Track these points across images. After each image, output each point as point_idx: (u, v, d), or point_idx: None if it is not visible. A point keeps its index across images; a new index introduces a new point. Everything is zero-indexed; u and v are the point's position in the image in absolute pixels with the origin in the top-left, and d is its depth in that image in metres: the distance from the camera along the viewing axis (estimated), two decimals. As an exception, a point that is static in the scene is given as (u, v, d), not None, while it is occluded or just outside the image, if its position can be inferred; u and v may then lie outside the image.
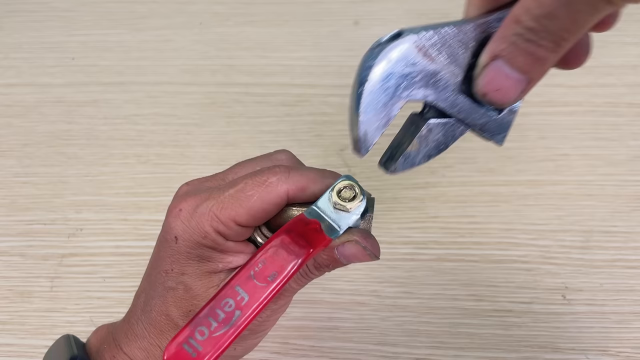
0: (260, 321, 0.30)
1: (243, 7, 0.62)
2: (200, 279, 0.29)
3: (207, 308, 0.25)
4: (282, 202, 0.28)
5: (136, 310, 0.31)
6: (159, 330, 0.30)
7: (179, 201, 0.29)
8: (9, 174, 0.52)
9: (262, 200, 0.27)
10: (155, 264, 0.31)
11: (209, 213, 0.28)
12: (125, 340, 0.31)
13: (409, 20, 0.60)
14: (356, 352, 0.42)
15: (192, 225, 0.28)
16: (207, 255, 0.29)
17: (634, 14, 0.60)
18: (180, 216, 0.29)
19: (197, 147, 0.53)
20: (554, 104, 0.54)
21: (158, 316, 0.30)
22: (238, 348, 0.31)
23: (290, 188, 0.28)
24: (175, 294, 0.29)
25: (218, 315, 0.24)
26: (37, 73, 0.58)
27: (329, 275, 0.46)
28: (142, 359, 0.30)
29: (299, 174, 0.28)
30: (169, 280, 0.29)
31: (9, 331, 0.44)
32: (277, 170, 0.28)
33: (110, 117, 0.55)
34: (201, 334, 0.24)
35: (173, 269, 0.29)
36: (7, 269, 0.47)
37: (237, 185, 0.28)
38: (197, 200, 0.29)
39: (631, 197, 0.49)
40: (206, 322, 0.24)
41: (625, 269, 0.45)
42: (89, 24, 0.62)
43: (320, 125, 0.54)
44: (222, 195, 0.28)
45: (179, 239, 0.29)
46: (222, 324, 0.24)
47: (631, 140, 0.52)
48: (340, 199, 0.27)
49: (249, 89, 0.56)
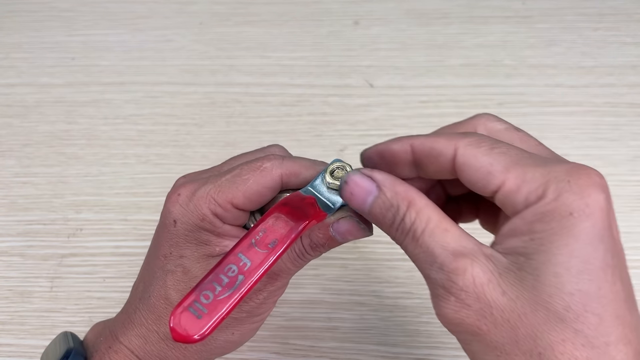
0: (257, 303, 0.31)
1: (243, 7, 0.62)
2: (198, 261, 0.29)
3: (211, 274, 0.25)
4: (277, 186, 0.29)
5: (134, 300, 0.31)
6: (157, 316, 0.30)
7: (177, 188, 0.30)
8: (9, 174, 0.52)
9: (258, 183, 0.29)
10: (153, 250, 0.31)
11: (207, 196, 0.29)
12: (122, 329, 0.31)
13: (409, 20, 0.60)
14: (356, 352, 0.42)
15: (191, 209, 0.29)
16: (205, 238, 0.29)
17: (633, 14, 0.60)
18: (178, 200, 0.30)
19: (197, 147, 0.53)
20: (554, 104, 0.54)
21: (157, 300, 0.30)
22: (236, 333, 0.31)
23: (284, 172, 0.29)
24: (174, 276, 0.30)
25: (222, 280, 0.25)
26: (37, 73, 0.58)
27: (329, 275, 0.46)
28: (140, 346, 0.30)
29: (292, 160, 0.30)
30: (168, 263, 0.30)
31: (9, 331, 0.44)
32: (271, 157, 0.29)
33: (110, 117, 0.55)
34: (206, 297, 0.25)
35: (172, 252, 0.30)
36: (7, 269, 0.47)
37: (234, 170, 0.29)
38: (195, 186, 0.30)
39: (631, 197, 0.49)
40: (210, 286, 0.25)
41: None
42: (89, 24, 0.62)
43: (320, 125, 0.54)
44: (219, 180, 0.29)
45: (178, 222, 0.29)
46: (226, 287, 0.25)
47: (631, 140, 0.52)
48: (333, 179, 0.29)
49: (249, 89, 0.56)
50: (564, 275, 0.22)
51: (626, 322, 0.23)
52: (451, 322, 0.24)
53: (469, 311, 0.23)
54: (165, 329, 0.30)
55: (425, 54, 0.58)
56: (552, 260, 0.23)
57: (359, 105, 0.55)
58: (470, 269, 0.23)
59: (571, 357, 0.22)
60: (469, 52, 0.58)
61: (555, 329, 0.22)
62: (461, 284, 0.23)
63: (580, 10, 0.60)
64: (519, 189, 0.24)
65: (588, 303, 0.22)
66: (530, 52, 0.58)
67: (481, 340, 0.23)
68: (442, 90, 0.55)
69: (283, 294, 0.33)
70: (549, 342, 0.22)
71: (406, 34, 0.60)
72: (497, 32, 0.59)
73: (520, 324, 0.23)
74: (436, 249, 0.24)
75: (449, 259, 0.24)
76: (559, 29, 0.59)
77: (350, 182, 0.26)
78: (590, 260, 0.23)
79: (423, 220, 0.24)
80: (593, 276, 0.23)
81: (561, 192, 0.23)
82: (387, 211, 0.25)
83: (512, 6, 0.61)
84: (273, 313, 0.44)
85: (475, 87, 0.55)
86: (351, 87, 0.56)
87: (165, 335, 0.30)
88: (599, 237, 0.23)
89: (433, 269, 0.24)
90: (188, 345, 0.30)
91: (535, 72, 0.56)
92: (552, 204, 0.23)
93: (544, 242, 0.23)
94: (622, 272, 0.24)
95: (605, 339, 0.22)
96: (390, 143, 0.28)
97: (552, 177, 0.24)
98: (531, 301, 0.22)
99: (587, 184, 0.24)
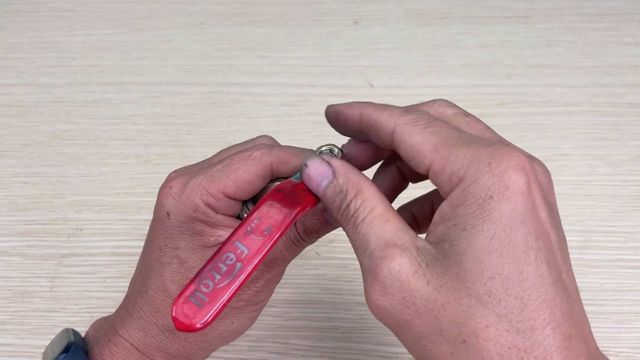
0: (255, 291, 0.31)
1: (243, 7, 0.62)
2: (193, 252, 0.30)
3: (210, 264, 0.26)
4: (267, 174, 0.30)
5: (132, 294, 0.32)
6: (156, 308, 0.30)
7: (169, 181, 0.31)
8: (9, 174, 0.52)
9: (249, 172, 0.29)
10: (149, 244, 0.32)
11: (199, 187, 0.29)
12: (122, 323, 0.31)
13: (409, 20, 0.60)
14: (356, 352, 0.42)
15: (183, 200, 0.29)
16: (199, 229, 0.30)
17: (633, 14, 0.60)
18: (170, 193, 0.30)
19: (197, 147, 0.53)
20: (554, 104, 0.54)
21: (155, 293, 0.30)
22: (235, 322, 0.31)
23: (274, 160, 0.29)
24: (171, 268, 0.30)
25: (220, 269, 0.25)
26: (37, 73, 0.58)
27: (329, 275, 0.46)
28: (139, 338, 0.30)
29: (281, 149, 0.30)
30: (164, 255, 0.30)
31: (9, 331, 0.44)
32: (260, 146, 0.30)
33: (110, 117, 0.55)
34: (206, 286, 0.25)
35: (167, 244, 0.30)
36: (7, 269, 0.47)
37: (224, 161, 0.30)
38: (186, 178, 0.30)
39: (631, 197, 0.49)
40: (210, 275, 0.25)
41: (625, 269, 0.45)
42: (89, 24, 0.62)
43: (320, 125, 0.54)
44: (210, 171, 0.29)
45: (171, 214, 0.30)
46: (225, 275, 0.25)
47: (631, 140, 0.52)
48: None
49: (249, 89, 0.56)
50: (484, 260, 0.22)
51: (554, 305, 0.22)
52: (377, 310, 0.24)
53: (393, 300, 0.23)
54: (164, 321, 0.30)
55: (425, 54, 0.58)
56: (473, 245, 0.22)
57: (358, 105, 0.55)
58: (398, 258, 0.23)
59: (496, 344, 0.22)
60: (469, 52, 0.58)
61: (477, 314, 0.22)
62: (386, 272, 0.23)
63: (580, 10, 0.60)
64: (444, 169, 0.24)
65: (510, 287, 0.22)
66: (530, 52, 0.58)
67: (407, 331, 0.23)
68: (441, 90, 0.55)
69: (285, 295, 0.33)
70: (472, 329, 0.22)
71: (406, 34, 0.60)
72: (496, 32, 0.59)
73: (444, 312, 0.22)
74: (371, 237, 0.24)
75: (380, 247, 0.24)
76: (559, 29, 0.59)
77: (310, 166, 0.28)
78: (511, 244, 0.22)
79: (367, 208, 0.25)
80: (514, 260, 0.22)
81: (481, 173, 0.23)
82: (336, 195, 0.26)
83: (512, 6, 0.61)
84: (273, 313, 0.44)
85: (475, 87, 0.55)
86: (351, 87, 0.56)
87: (165, 327, 0.30)
88: (520, 219, 0.23)
89: (365, 255, 0.25)
90: (188, 336, 0.30)
91: (535, 72, 0.56)
92: (472, 186, 0.23)
93: (467, 227, 0.23)
94: (548, 254, 0.23)
95: (530, 323, 0.22)
96: (345, 106, 0.29)
97: (475, 158, 0.23)
98: (454, 289, 0.22)
99: (508, 166, 0.23)
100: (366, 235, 0.25)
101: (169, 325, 0.30)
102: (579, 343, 0.23)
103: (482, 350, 0.22)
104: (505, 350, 0.22)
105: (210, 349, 0.32)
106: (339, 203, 0.26)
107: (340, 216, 0.26)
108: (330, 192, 0.27)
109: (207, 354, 0.33)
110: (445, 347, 0.23)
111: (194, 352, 0.31)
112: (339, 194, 0.26)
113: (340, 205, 0.26)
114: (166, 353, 0.31)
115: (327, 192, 0.27)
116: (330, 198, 0.27)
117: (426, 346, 0.23)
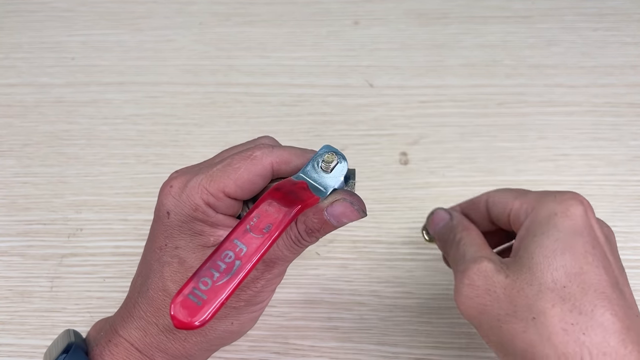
0: (255, 291, 0.31)
1: (243, 7, 0.62)
2: (193, 252, 0.30)
3: (208, 262, 0.26)
4: (268, 173, 0.30)
5: (133, 295, 0.32)
6: (156, 308, 0.30)
7: (169, 180, 0.31)
8: (9, 174, 0.52)
9: (249, 171, 0.29)
10: (149, 244, 0.32)
11: (199, 186, 0.29)
12: (122, 323, 0.31)
13: (409, 20, 0.60)
14: (356, 352, 0.42)
15: (183, 199, 0.29)
16: (199, 229, 0.30)
17: (633, 14, 0.60)
18: (171, 192, 0.30)
19: (197, 147, 0.53)
20: (554, 104, 0.54)
21: (155, 293, 0.30)
22: (235, 322, 0.31)
23: (274, 160, 0.30)
24: (171, 268, 0.30)
25: (219, 267, 0.25)
26: (37, 73, 0.58)
27: (329, 275, 0.46)
28: (140, 338, 0.30)
29: (282, 149, 0.30)
30: (164, 255, 0.30)
31: (9, 331, 0.44)
32: (261, 146, 0.30)
33: (110, 117, 0.55)
34: (205, 284, 0.25)
35: (167, 244, 0.30)
36: (7, 269, 0.47)
37: (225, 160, 0.30)
38: (187, 177, 0.30)
39: (631, 197, 0.49)
40: (209, 273, 0.25)
41: (625, 269, 0.45)
42: (89, 24, 0.62)
43: (320, 125, 0.54)
44: (211, 170, 0.30)
45: (171, 213, 0.30)
46: (223, 273, 0.25)
47: (631, 140, 0.52)
48: (323, 164, 0.30)
49: (249, 89, 0.56)
50: (551, 256, 0.29)
51: (613, 299, 0.27)
52: (465, 299, 0.30)
53: (478, 291, 0.30)
54: (164, 321, 0.30)
55: (425, 54, 0.58)
56: (541, 245, 0.29)
57: (358, 105, 0.55)
58: (485, 262, 0.30)
59: (561, 320, 0.27)
60: (469, 52, 0.58)
61: (546, 297, 0.28)
62: (475, 270, 0.30)
63: (580, 10, 0.60)
64: (521, 206, 0.32)
65: (572, 278, 0.28)
66: (529, 52, 0.58)
67: (487, 316, 0.29)
68: (441, 90, 0.55)
69: (285, 295, 0.33)
70: (541, 308, 0.27)
71: (406, 34, 0.60)
72: (496, 32, 0.59)
73: (518, 296, 0.28)
74: (467, 253, 0.32)
75: (472, 258, 0.31)
76: (559, 29, 0.59)
77: (436, 213, 0.37)
78: (571, 248, 0.29)
79: (468, 239, 0.33)
80: (574, 259, 0.28)
81: (548, 202, 0.31)
82: (449, 231, 0.35)
83: (512, 6, 0.61)
84: (273, 313, 0.44)
85: (475, 87, 0.55)
86: (351, 87, 0.56)
87: (165, 327, 0.30)
88: (579, 231, 0.29)
89: (459, 264, 0.32)
90: (188, 336, 0.30)
91: (534, 72, 0.56)
92: (541, 210, 0.31)
93: (536, 234, 0.30)
94: (605, 262, 0.29)
95: (591, 307, 0.27)
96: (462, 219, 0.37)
97: (543, 197, 0.31)
98: (527, 279, 0.29)
99: (569, 198, 0.30)
100: (464, 251, 0.32)
101: (169, 325, 0.30)
102: (637, 336, 0.27)
103: (549, 325, 0.27)
104: (568, 326, 0.27)
105: (211, 349, 0.32)
106: (448, 235, 0.35)
107: (445, 244, 0.35)
108: (445, 228, 0.35)
109: (207, 354, 0.33)
110: (519, 325, 0.28)
111: (194, 352, 0.31)
112: (452, 230, 0.35)
113: (448, 237, 0.34)
114: (166, 353, 0.31)
115: (443, 229, 0.36)
116: (444, 233, 0.35)
117: (502, 327, 0.29)
